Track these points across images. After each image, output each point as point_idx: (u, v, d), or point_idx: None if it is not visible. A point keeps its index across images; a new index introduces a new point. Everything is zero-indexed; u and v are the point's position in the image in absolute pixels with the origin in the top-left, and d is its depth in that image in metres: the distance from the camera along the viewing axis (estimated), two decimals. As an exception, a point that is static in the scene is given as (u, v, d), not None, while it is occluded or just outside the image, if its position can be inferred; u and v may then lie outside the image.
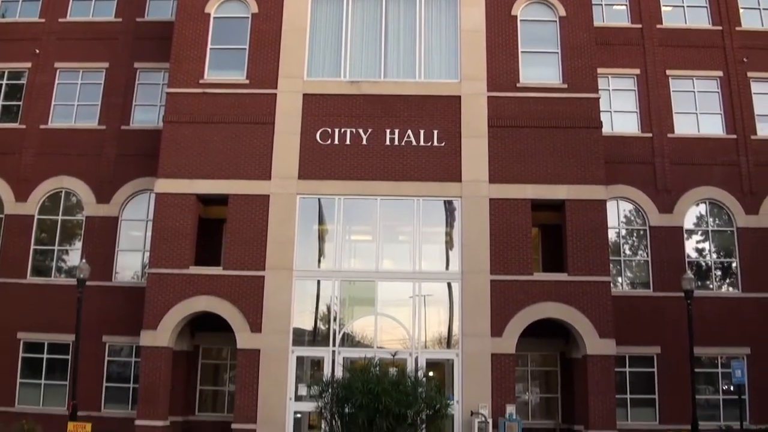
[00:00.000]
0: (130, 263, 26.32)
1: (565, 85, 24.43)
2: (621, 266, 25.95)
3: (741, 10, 27.93)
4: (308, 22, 25.10)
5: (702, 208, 26.41)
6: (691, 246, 26.26)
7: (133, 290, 25.03)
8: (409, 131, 24.06)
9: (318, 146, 24.03)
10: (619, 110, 26.92)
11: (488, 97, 24.30)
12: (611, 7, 28.09)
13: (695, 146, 26.46)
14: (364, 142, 24.02)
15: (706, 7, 28.00)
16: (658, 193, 26.06)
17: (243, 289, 23.08)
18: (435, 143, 24.00)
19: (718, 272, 26.20)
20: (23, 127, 27.37)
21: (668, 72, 27.14)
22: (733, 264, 26.03)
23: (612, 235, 25.60)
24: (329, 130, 24.13)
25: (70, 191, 26.80)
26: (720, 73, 27.23)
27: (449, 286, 23.53)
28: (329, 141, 24.05)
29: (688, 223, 26.29)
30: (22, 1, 28.89)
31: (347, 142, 24.02)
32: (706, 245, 26.32)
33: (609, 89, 26.88)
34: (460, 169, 23.80)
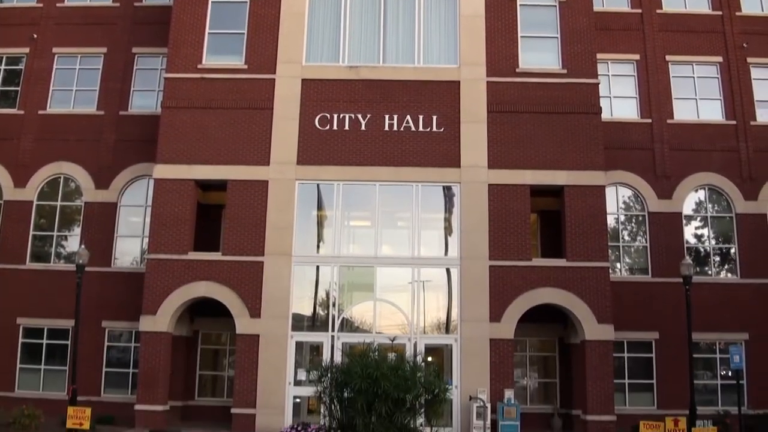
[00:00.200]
0: (129, 249, 26.35)
1: (565, 71, 24.36)
2: (620, 252, 25.97)
3: (741, -5, 27.83)
4: (307, 6, 24.99)
5: (701, 194, 26.40)
6: (690, 232, 26.28)
7: (132, 276, 25.04)
8: (408, 117, 24.02)
9: (317, 132, 24.00)
10: (619, 96, 26.88)
11: (487, 82, 24.24)
12: (611, -9, 28.01)
13: (695, 132, 26.44)
14: (363, 127, 23.99)
15: (706, -8, 27.93)
16: (657, 179, 26.05)
17: (242, 275, 23.11)
18: (434, 129, 23.97)
19: (717, 258, 26.22)
20: (21, 112, 27.32)
21: (668, 57, 27.07)
22: (732, 250, 26.05)
23: (611, 221, 25.62)
24: (328, 115, 24.08)
25: (69, 177, 26.78)
26: (720, 59, 27.17)
27: (448, 271, 23.55)
28: (328, 126, 24.01)
29: (687, 209, 26.30)
30: (20, -15, 28.81)
31: (346, 127, 23.98)
32: (705, 231, 26.34)
33: (608, 74, 26.82)
34: (459, 154, 23.78)
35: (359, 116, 24.03)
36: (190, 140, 23.98)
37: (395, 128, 23.95)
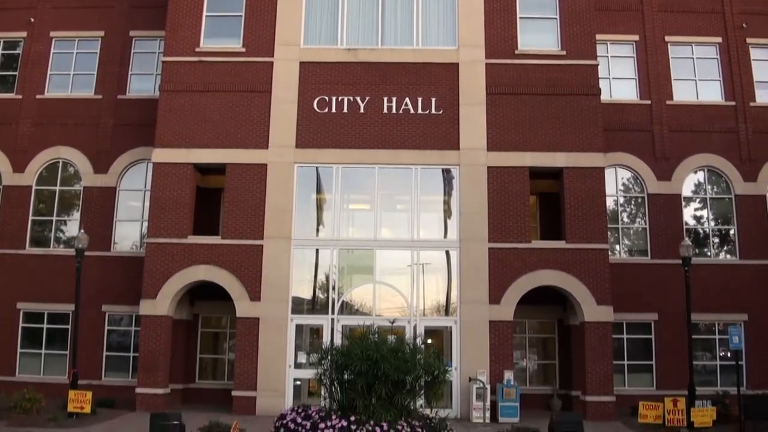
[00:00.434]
0: (128, 233, 26.36)
1: (564, 52, 24.27)
2: (619, 234, 25.99)
3: (740, -25, 27.68)
4: (304, -12, 24.89)
5: (700, 176, 26.38)
6: (689, 213, 26.29)
7: (132, 260, 25.08)
8: (407, 99, 23.96)
9: (315, 115, 23.94)
10: (618, 77, 26.81)
11: (486, 64, 24.16)
12: (610, -29, 27.82)
13: (694, 113, 26.39)
14: (361, 110, 23.93)
15: (706, -29, 27.76)
16: (657, 160, 26.02)
17: (242, 258, 23.14)
18: (433, 111, 23.91)
19: (716, 239, 26.24)
20: (19, 97, 27.24)
21: (667, 38, 26.97)
22: (731, 231, 26.06)
23: (610, 202, 25.62)
24: (326, 98, 24.02)
25: (68, 162, 26.74)
26: (719, 40, 27.07)
27: (447, 254, 23.57)
28: (327, 109, 23.95)
29: (687, 190, 26.29)
30: (16, -31, 28.61)
31: (345, 110, 23.92)
32: (704, 213, 26.34)
33: (608, 56, 26.73)
34: (458, 137, 23.74)
35: (358, 99, 23.97)
36: (189, 124, 23.93)
37: (394, 111, 23.90)
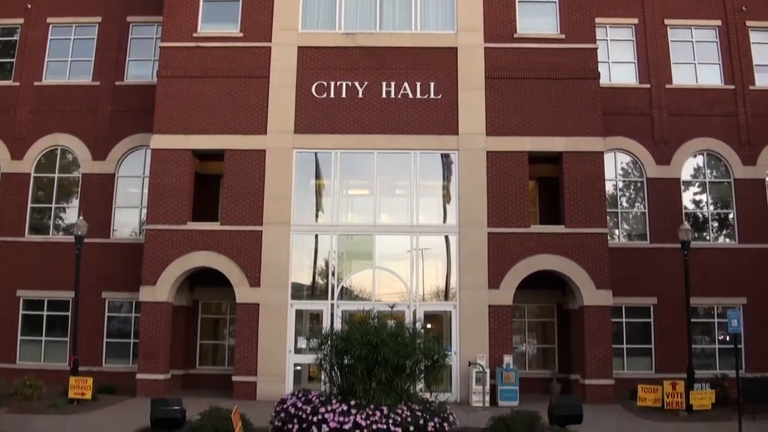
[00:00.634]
0: (127, 220, 26.35)
1: (563, 36, 24.19)
2: (618, 218, 25.98)
3: (739, -43, 27.53)
4: (302, -28, 24.76)
5: (699, 160, 26.34)
6: (688, 198, 26.27)
7: (131, 247, 25.06)
8: (406, 84, 23.89)
9: (314, 100, 23.88)
10: (617, 61, 26.68)
11: (485, 48, 24.07)
12: (609, -46, 27.64)
13: (693, 97, 26.30)
14: (360, 95, 23.86)
15: (704, -47, 27.57)
16: (656, 144, 25.97)
17: (241, 244, 23.15)
18: (432, 96, 23.85)
19: (715, 224, 26.24)
20: (17, 84, 27.12)
21: (666, 21, 26.83)
22: (730, 215, 26.05)
23: (609, 187, 25.57)
24: (325, 83, 23.95)
25: (66, 149, 26.68)
26: (719, 23, 26.93)
27: (447, 239, 23.58)
28: (325, 94, 23.89)
29: (686, 174, 26.24)
30: (13, -45, 28.42)
31: (343, 95, 23.85)
32: (704, 197, 26.32)
33: (607, 39, 26.58)
34: (457, 121, 23.69)
35: (356, 84, 23.90)
36: (187, 110, 23.87)
37: (393, 96, 23.84)
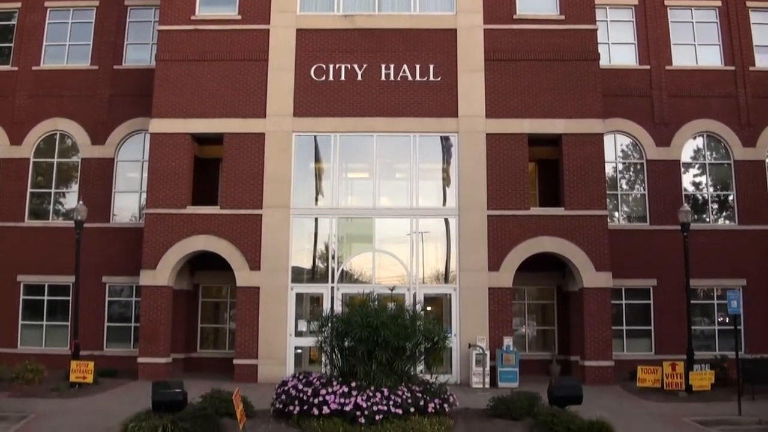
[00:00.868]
0: (127, 204, 26.32)
1: (563, 17, 24.07)
2: (618, 200, 25.96)
3: (741, -64, 27.29)
4: (299, -46, 24.59)
5: (699, 142, 26.28)
6: (688, 179, 26.23)
7: (131, 231, 25.07)
8: (405, 66, 23.80)
9: (312, 83, 23.81)
10: (617, 42, 26.52)
11: (484, 29, 23.96)
12: (609, -66, 27.44)
13: (693, 78, 26.20)
14: (359, 77, 23.79)
15: (706, -67, 27.37)
16: (656, 126, 25.89)
17: (241, 228, 23.16)
18: (431, 78, 23.78)
19: (715, 205, 26.22)
20: (15, 69, 27.01)
21: (666, 2, 26.66)
22: (730, 197, 26.03)
23: (609, 169, 25.52)
24: (323, 66, 23.86)
25: (65, 133, 26.61)
26: (719, 3, 26.75)
27: (446, 222, 23.58)
28: (324, 77, 23.81)
29: (686, 156, 26.19)
30: (10, -61, 28.23)
31: (342, 78, 23.78)
32: (703, 178, 26.29)
33: (606, 20, 26.42)
34: (457, 104, 23.64)
35: (355, 66, 23.82)
36: (186, 93, 23.81)
37: (392, 78, 23.76)
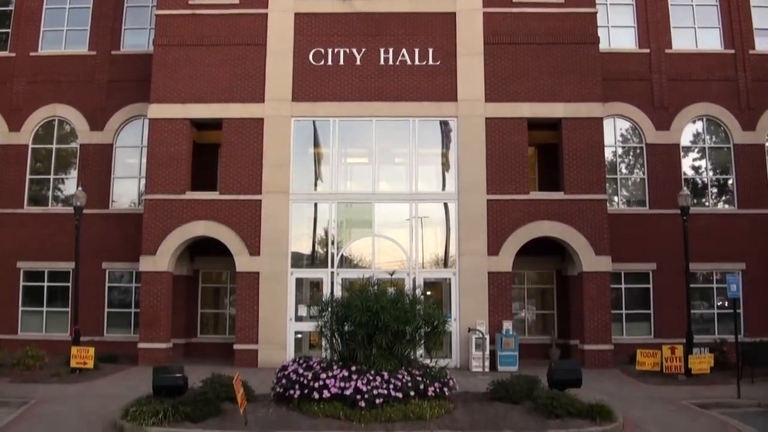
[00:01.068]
0: (126, 190, 26.29)
1: (562, 0, 23.96)
2: (617, 184, 25.93)
3: None
4: (297, -63, 24.43)
5: (699, 126, 26.22)
6: (687, 163, 26.20)
7: (131, 217, 25.03)
8: (404, 50, 23.72)
9: (311, 67, 23.74)
10: (617, 25, 26.36)
11: (484, 13, 23.88)
12: None
13: (693, 62, 26.10)
14: (358, 62, 23.71)
15: None
16: (655, 110, 25.82)
17: (240, 213, 23.15)
18: (430, 62, 23.70)
19: (714, 189, 26.21)
20: (13, 55, 26.87)
21: (666, -16, 26.59)
22: (729, 181, 26.01)
23: (608, 153, 25.46)
24: (322, 50, 23.78)
25: (64, 119, 26.54)
26: (719, -15, 26.68)
27: (446, 206, 23.56)
28: (322, 62, 23.74)
29: (685, 140, 26.14)
30: (6, -77, 28.05)
31: (341, 62, 23.71)
32: (703, 162, 26.25)
33: (606, 3, 26.25)
34: (456, 88, 23.57)
35: (354, 51, 23.73)
36: (184, 78, 23.74)
37: (391, 62, 23.69)
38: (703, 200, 25.94)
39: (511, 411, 13.46)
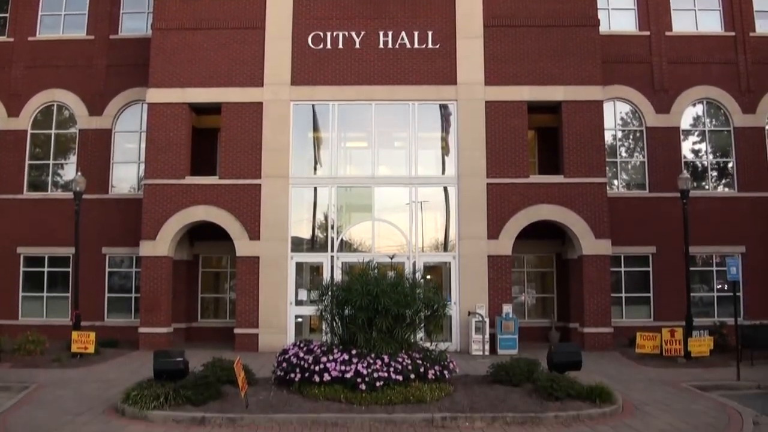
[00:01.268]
0: (126, 175, 26.26)
1: (562, -18, 23.87)
2: (617, 168, 25.89)
3: None
4: None
5: (699, 109, 26.14)
6: (687, 147, 26.14)
7: (130, 202, 25.06)
8: (403, 33, 23.62)
9: (310, 51, 23.64)
10: (617, 8, 26.24)
11: (483, -5, 23.78)
12: None
13: (693, 44, 26.00)
14: (357, 45, 23.61)
15: None
16: (655, 93, 25.74)
17: (240, 198, 23.14)
18: (429, 45, 23.60)
19: (714, 172, 26.17)
20: (11, 39, 26.74)
21: (666, -34, 26.42)
22: (729, 164, 25.96)
23: (608, 137, 25.40)
24: (321, 33, 23.67)
25: (62, 104, 26.47)
26: (719, -33, 26.52)
27: (446, 190, 23.55)
28: (321, 45, 23.63)
29: (685, 123, 26.06)
30: None
31: (340, 46, 23.61)
32: (703, 145, 26.19)
33: (606, -15, 26.22)
34: (456, 71, 23.49)
35: (353, 34, 23.63)
36: (183, 63, 23.65)
37: (390, 45, 23.59)
38: (703, 183, 25.90)
39: (511, 393, 13.50)
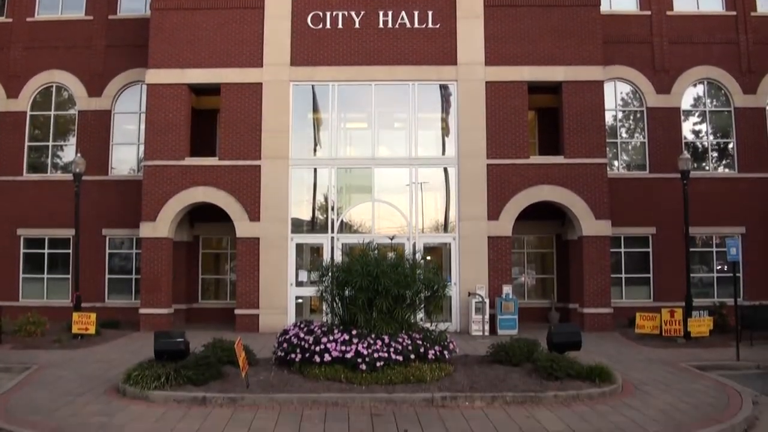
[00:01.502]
0: (125, 157, 26.22)
1: (563, -39, 23.71)
2: (617, 148, 25.84)
3: None
4: None
5: (700, 89, 26.05)
6: (688, 127, 26.08)
7: (130, 183, 25.04)
8: (403, 12, 23.49)
9: (309, 31, 23.52)
10: (618, -13, 26.16)
11: (484, -27, 23.63)
12: None
13: (694, 24, 25.85)
14: (356, 25, 23.49)
15: None
16: (656, 73, 25.63)
17: (240, 179, 23.11)
18: (430, 25, 23.48)
19: (715, 153, 26.12)
20: (10, 20, 26.58)
21: (668, -56, 26.22)
22: (730, 145, 25.90)
23: (609, 117, 25.33)
24: (320, 13, 23.55)
25: (62, 86, 26.37)
26: (721, -55, 26.33)
27: (446, 171, 23.53)
28: (321, 25, 23.51)
29: (686, 103, 25.98)
30: None
31: (339, 25, 23.49)
32: (704, 126, 26.13)
33: (608, -37, 26.02)
34: (456, 51, 23.39)
35: (352, 13, 23.51)
36: (182, 43, 23.54)
37: (390, 25, 23.47)
38: (704, 164, 25.86)
39: (511, 373, 13.53)
